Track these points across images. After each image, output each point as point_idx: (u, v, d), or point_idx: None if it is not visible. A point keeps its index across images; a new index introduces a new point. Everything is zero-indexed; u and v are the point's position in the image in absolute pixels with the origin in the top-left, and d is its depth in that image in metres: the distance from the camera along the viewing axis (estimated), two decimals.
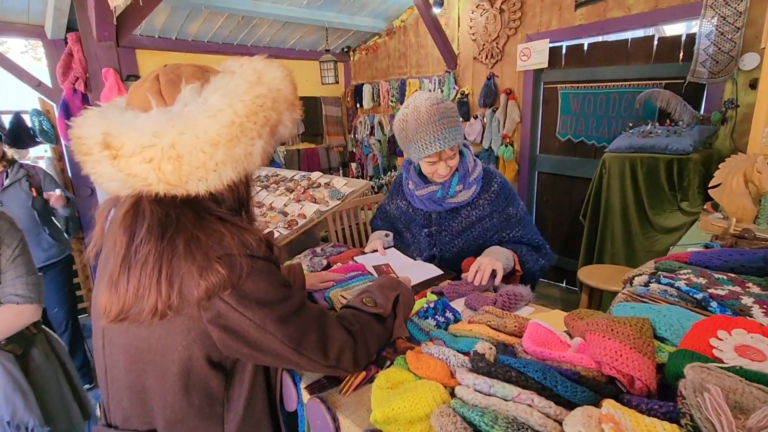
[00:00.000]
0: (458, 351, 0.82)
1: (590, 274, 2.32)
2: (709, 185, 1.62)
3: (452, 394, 0.72)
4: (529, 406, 0.63)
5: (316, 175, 1.95)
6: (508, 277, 1.34)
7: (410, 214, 1.53)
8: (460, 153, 1.41)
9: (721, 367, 0.61)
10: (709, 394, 0.54)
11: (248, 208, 0.76)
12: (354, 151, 5.36)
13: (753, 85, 2.38)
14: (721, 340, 0.69)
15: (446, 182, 1.39)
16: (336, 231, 2.39)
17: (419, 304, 1.06)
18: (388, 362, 0.86)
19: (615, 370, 0.68)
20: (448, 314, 1.02)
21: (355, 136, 5.24)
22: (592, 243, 2.72)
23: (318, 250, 1.52)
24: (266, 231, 0.81)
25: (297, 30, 4.26)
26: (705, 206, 1.87)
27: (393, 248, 1.52)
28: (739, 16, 2.37)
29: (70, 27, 2.95)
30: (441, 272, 1.34)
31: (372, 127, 4.95)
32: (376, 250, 1.48)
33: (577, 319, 0.85)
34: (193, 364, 0.68)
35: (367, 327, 0.83)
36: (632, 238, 2.47)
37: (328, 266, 1.43)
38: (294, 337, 0.68)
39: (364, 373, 0.82)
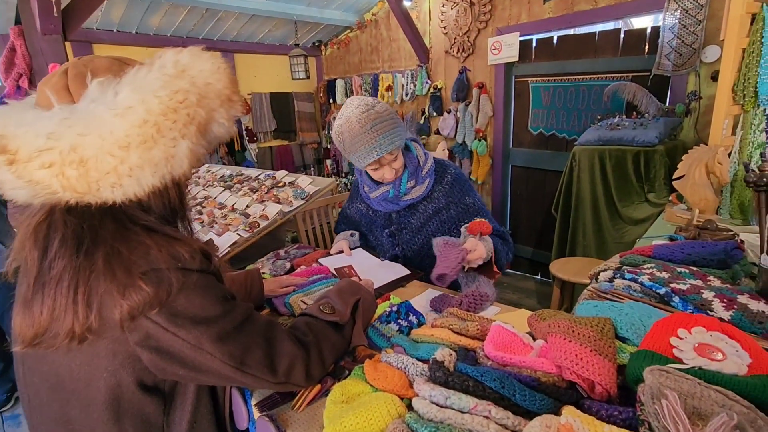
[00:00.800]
0: (418, 359, 0.79)
1: (562, 267, 2.33)
2: (673, 177, 1.63)
3: (410, 407, 0.68)
4: (486, 417, 0.60)
5: (281, 174, 1.88)
6: (484, 269, 1.28)
7: (371, 216, 1.51)
8: (407, 148, 1.38)
9: (680, 369, 0.59)
10: (666, 401, 0.52)
11: (183, 215, 0.70)
12: (329, 147, 5.28)
13: (714, 77, 2.43)
14: (681, 339, 0.67)
15: (396, 181, 1.36)
16: (306, 231, 2.32)
17: (382, 307, 1.02)
18: (346, 372, 0.82)
19: (575, 374, 0.65)
20: (412, 318, 0.98)
21: (328, 132, 5.16)
22: (564, 236, 2.74)
23: (281, 252, 1.46)
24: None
25: (265, 23, 4.14)
26: (670, 197, 1.89)
27: (359, 248, 1.47)
28: (701, 9, 2.41)
29: (18, 21, 2.78)
30: (408, 272, 1.30)
31: None
32: (342, 251, 1.43)
33: (540, 320, 0.83)
34: (122, 390, 0.62)
35: (322, 336, 0.79)
36: (602, 230, 2.50)
37: (292, 269, 1.38)
38: (235, 356, 0.63)
39: (318, 386, 0.77)
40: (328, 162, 5.25)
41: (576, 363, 0.66)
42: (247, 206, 1.63)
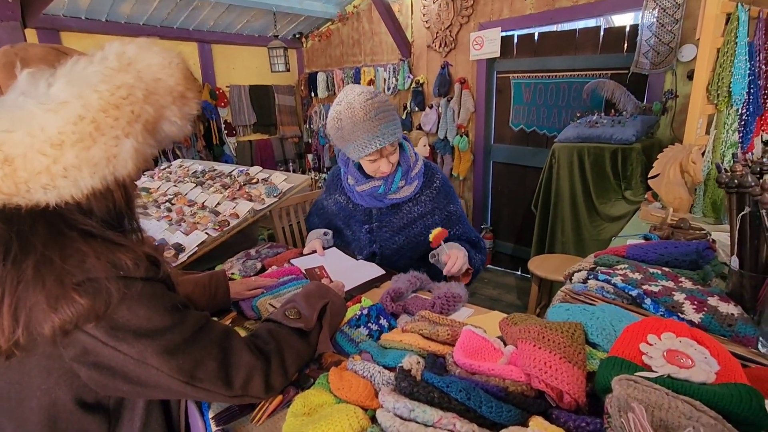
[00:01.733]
0: (385, 366, 0.76)
1: (540, 265, 2.34)
2: (649, 175, 1.64)
3: (374, 419, 0.65)
4: (451, 431, 0.57)
5: (255, 170, 1.82)
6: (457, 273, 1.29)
7: (350, 210, 1.45)
8: (401, 147, 1.34)
9: (649, 378, 0.58)
10: (633, 414, 0.50)
11: (131, 218, 0.64)
12: (310, 141, 5.20)
13: (690, 76, 2.45)
14: (650, 345, 0.66)
15: (389, 177, 1.32)
16: (283, 228, 2.27)
17: (352, 310, 0.99)
18: (311, 381, 0.78)
19: (544, 383, 0.63)
20: (383, 321, 0.95)
21: (310, 126, 5.08)
22: (543, 232, 2.75)
23: (252, 252, 1.41)
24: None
25: (243, 14, 4.02)
26: (646, 195, 1.91)
27: (333, 248, 1.43)
28: (678, 8, 2.43)
29: None
30: (383, 272, 1.27)
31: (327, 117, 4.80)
32: (315, 251, 1.39)
33: (511, 324, 0.81)
34: (59, 410, 0.57)
35: (286, 344, 0.75)
36: (581, 227, 2.51)
37: (263, 269, 1.33)
38: (185, 369, 0.59)
39: (280, 397, 0.73)
40: (310, 157, 5.17)
41: (545, 371, 0.64)
42: (217, 204, 1.57)
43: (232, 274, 1.29)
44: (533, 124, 3.38)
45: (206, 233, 1.35)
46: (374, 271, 1.27)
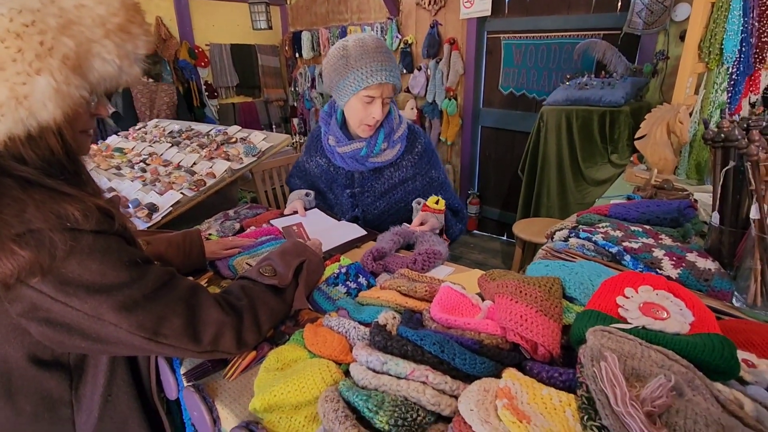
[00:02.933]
0: (360, 322, 0.74)
1: (525, 228, 2.34)
2: (635, 136, 1.62)
3: (348, 373, 0.64)
4: (423, 383, 0.56)
5: (233, 129, 1.75)
6: None
7: (331, 174, 1.41)
8: None
9: (624, 330, 0.57)
10: (605, 362, 0.49)
11: (77, 168, 0.59)
12: (295, 105, 5.05)
13: (683, 36, 2.39)
14: (627, 298, 0.65)
15: (371, 139, 1.28)
16: (266, 191, 2.22)
17: (330, 269, 0.97)
18: (287, 337, 0.77)
19: (519, 336, 0.63)
20: (361, 279, 0.94)
21: (295, 89, 4.91)
22: (529, 197, 2.75)
23: (231, 213, 1.37)
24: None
25: None
26: (632, 158, 1.89)
27: (315, 209, 1.40)
28: None
29: None
30: (365, 232, 1.25)
31: (313, 79, 4.64)
32: (296, 212, 1.35)
33: (489, 280, 0.80)
34: (11, 366, 0.55)
35: (259, 301, 0.73)
36: (566, 192, 2.51)
37: (241, 230, 1.30)
38: (146, 326, 0.56)
39: (254, 353, 0.72)
40: (295, 121, 5.03)
41: (520, 324, 0.63)
42: (194, 163, 1.51)
43: (210, 234, 1.26)
44: (523, 88, 3.31)
45: (181, 193, 1.30)
46: (356, 231, 1.25)
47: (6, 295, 0.49)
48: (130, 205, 1.28)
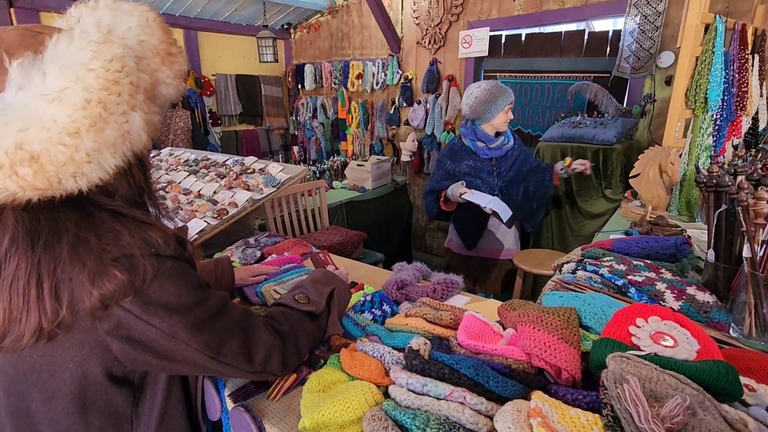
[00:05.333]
0: (393, 347, 0.80)
1: (525, 259, 2.42)
2: (630, 175, 1.73)
3: (386, 394, 0.70)
4: (462, 404, 0.62)
5: (250, 160, 1.83)
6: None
7: (479, 166, 2.09)
8: None
9: (639, 356, 0.64)
10: (627, 384, 0.56)
11: (151, 195, 0.66)
12: (296, 133, 5.17)
13: (668, 81, 2.58)
14: (639, 327, 0.72)
15: (505, 134, 2.09)
16: (274, 218, 2.28)
17: (356, 297, 1.03)
18: (322, 361, 0.82)
19: (543, 361, 0.69)
20: (385, 307, 1.00)
21: (296, 118, 5.05)
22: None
23: (251, 240, 1.43)
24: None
25: (231, 1, 3.96)
26: (625, 194, 2.01)
27: (473, 189, 1.96)
28: (659, 16, 2.54)
29: None
30: (511, 213, 1.89)
31: (315, 110, 4.79)
32: (467, 191, 1.93)
33: (510, 309, 0.87)
34: (89, 382, 0.59)
35: (298, 326, 0.79)
36: (563, 223, 2.62)
37: (262, 258, 1.35)
38: (212, 345, 0.62)
39: (294, 375, 0.77)
40: (295, 149, 5.15)
41: (544, 351, 0.69)
42: (214, 192, 1.57)
43: (232, 261, 1.31)
44: (518, 123, 3.47)
45: (205, 221, 1.36)
46: (503, 205, 1.88)
47: (101, 314, 0.54)
48: None
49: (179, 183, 1.75)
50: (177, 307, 0.59)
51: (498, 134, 2.09)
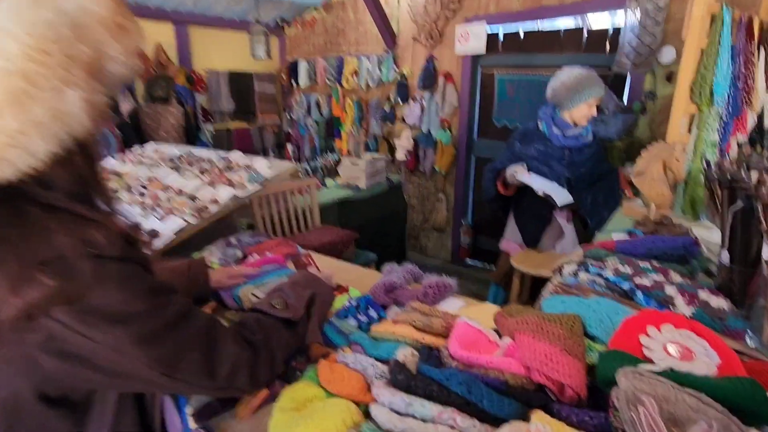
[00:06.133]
0: (377, 359, 0.72)
1: (524, 260, 2.34)
2: (635, 173, 1.66)
3: (368, 413, 0.62)
4: (452, 427, 0.54)
5: (236, 155, 1.75)
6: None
7: (549, 153, 1.98)
8: None
9: (653, 371, 0.56)
10: (643, 407, 0.48)
11: (98, 187, 0.56)
12: (290, 131, 5.09)
13: (669, 77, 2.51)
14: (650, 337, 0.65)
15: (585, 127, 1.96)
16: (263, 217, 2.20)
17: (340, 301, 0.95)
18: (298, 374, 0.74)
19: (544, 376, 0.61)
20: (372, 312, 0.92)
21: (290, 116, 4.96)
22: None
23: (232, 240, 1.35)
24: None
25: None
26: (626, 192, 1.93)
27: (533, 172, 1.88)
28: (660, 11, 2.47)
29: None
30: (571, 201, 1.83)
31: (309, 107, 4.70)
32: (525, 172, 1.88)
33: (507, 316, 0.79)
34: (20, 404, 0.51)
35: (273, 335, 0.70)
36: None
37: (244, 258, 1.27)
38: (166, 359, 0.54)
39: (266, 391, 0.69)
40: (289, 147, 5.06)
41: (545, 364, 0.62)
42: (195, 189, 1.49)
43: (211, 262, 1.23)
44: (516, 120, 3.40)
45: (184, 219, 1.28)
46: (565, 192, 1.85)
47: (26, 326, 0.46)
48: None
49: (160, 180, 1.66)
50: (123, 316, 0.51)
51: (575, 125, 1.96)
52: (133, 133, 3.23)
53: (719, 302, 0.83)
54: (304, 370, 0.74)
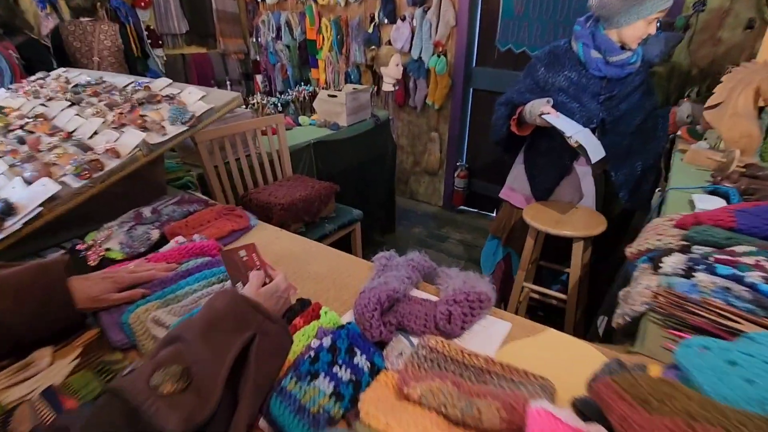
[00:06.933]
0: None
1: (537, 214, 1.96)
2: (706, 105, 1.24)
3: None
4: None
5: (161, 82, 1.24)
6: None
7: (583, 84, 1.55)
8: None
9: None
10: None
11: None
12: (258, 59, 4.39)
13: None
14: None
15: (636, 51, 1.47)
16: (216, 167, 1.72)
17: (301, 341, 0.55)
18: None
19: None
20: (358, 360, 0.52)
21: (257, 40, 4.24)
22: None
23: (146, 211, 0.90)
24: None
25: None
26: (680, 132, 1.52)
27: (561, 114, 1.43)
28: None
29: None
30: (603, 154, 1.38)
31: (278, 29, 3.99)
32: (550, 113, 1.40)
33: (618, 396, 0.40)
34: None
35: None
36: None
37: (162, 242, 0.84)
38: None
39: None
40: (259, 78, 4.38)
41: None
42: (94, 133, 1.01)
43: (108, 250, 0.80)
44: (523, 44, 2.87)
45: (62, 182, 0.82)
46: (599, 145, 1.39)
47: None
48: None
49: (53, 118, 1.17)
50: None
51: (623, 48, 1.48)
52: (51, 57, 2.59)
53: None
54: None
